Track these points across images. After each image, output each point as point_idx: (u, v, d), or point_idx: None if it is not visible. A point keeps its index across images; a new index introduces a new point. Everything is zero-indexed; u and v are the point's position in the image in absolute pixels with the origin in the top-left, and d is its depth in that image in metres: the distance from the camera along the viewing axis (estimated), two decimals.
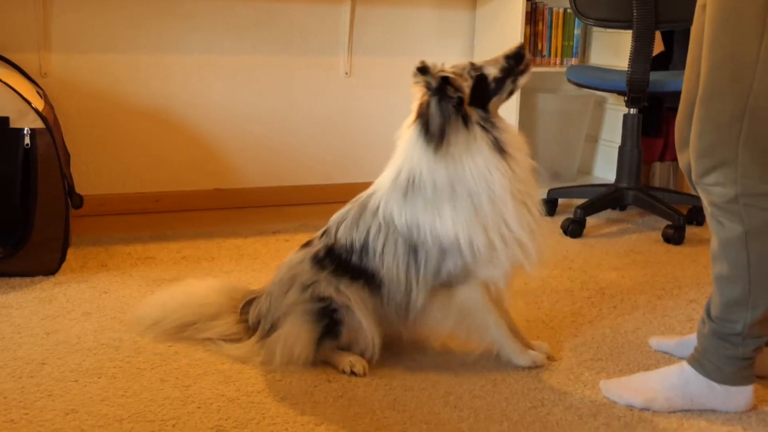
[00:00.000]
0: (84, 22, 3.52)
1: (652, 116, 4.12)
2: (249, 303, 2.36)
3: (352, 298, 2.18)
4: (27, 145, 2.77)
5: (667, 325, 2.59)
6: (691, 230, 3.60)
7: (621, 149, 3.70)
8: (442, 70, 2.15)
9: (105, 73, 3.58)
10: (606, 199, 3.68)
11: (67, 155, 3.09)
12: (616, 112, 4.23)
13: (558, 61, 4.20)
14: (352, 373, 2.17)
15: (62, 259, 2.88)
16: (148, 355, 2.26)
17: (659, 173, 4.26)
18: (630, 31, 3.47)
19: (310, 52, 3.91)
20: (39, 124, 2.78)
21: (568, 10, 4.15)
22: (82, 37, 3.53)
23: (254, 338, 2.27)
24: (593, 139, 4.41)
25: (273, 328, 2.24)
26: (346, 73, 3.99)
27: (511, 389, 2.14)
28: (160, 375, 2.15)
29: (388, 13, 4.01)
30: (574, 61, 4.22)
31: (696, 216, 3.74)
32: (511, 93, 2.20)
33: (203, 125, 3.78)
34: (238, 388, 2.09)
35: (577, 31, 4.21)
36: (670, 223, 3.50)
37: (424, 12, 4.09)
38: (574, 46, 4.22)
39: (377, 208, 2.20)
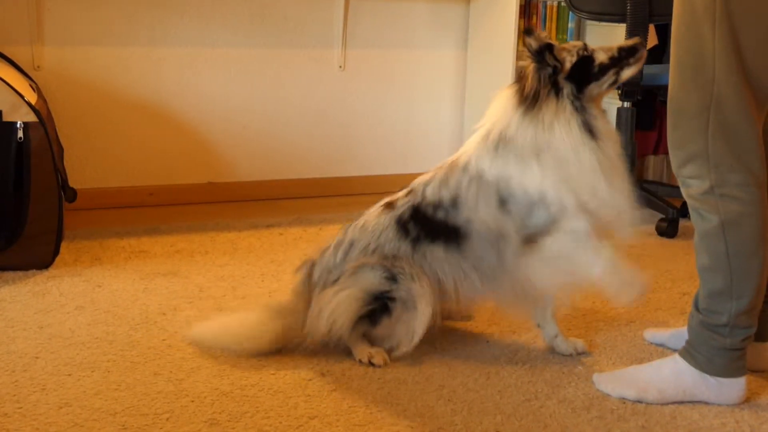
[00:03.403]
0: (77, 15, 3.51)
1: (646, 110, 4.13)
2: (311, 269, 2.33)
3: (419, 279, 2.18)
4: (20, 138, 2.76)
5: (660, 318, 2.60)
6: (684, 224, 3.60)
7: None
8: (551, 40, 2.19)
9: (98, 66, 3.57)
10: None
11: (61, 149, 3.08)
12: (609, 105, 4.22)
13: None
14: (370, 363, 2.19)
15: (56, 252, 2.87)
16: (141, 349, 2.26)
17: (653, 166, 4.26)
18: (623, 25, 3.47)
19: (304, 45, 3.91)
20: (32, 117, 2.78)
21: (562, 4, 4.15)
22: (75, 30, 3.52)
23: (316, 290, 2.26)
24: None
25: (336, 281, 2.25)
26: (340, 67, 3.99)
27: (504, 382, 2.14)
28: (154, 369, 2.15)
29: (383, 6, 4.01)
30: None
31: (689, 210, 3.74)
32: (613, 83, 2.22)
33: (197, 118, 3.77)
34: (232, 382, 2.09)
35: (570, 25, 4.22)
36: (663, 216, 3.51)
37: (419, 5, 4.08)
38: (568, 39, 4.22)
39: (467, 164, 2.22)
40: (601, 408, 2.03)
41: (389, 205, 2.30)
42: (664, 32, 4.10)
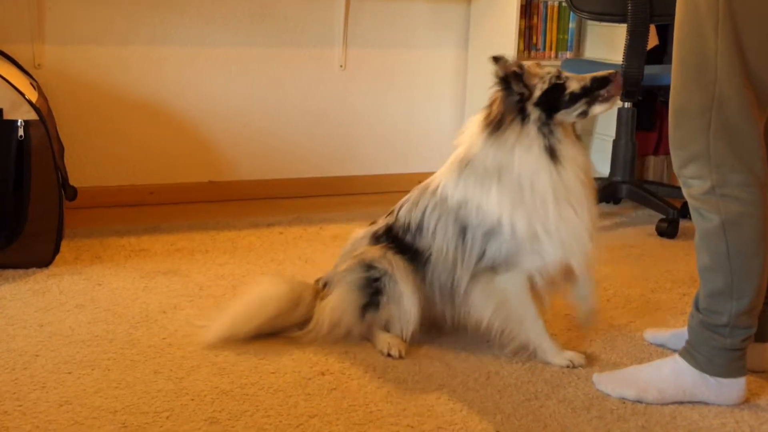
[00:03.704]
0: (78, 14, 3.51)
1: (647, 110, 4.13)
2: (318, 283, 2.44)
3: (394, 263, 2.26)
4: (21, 136, 2.76)
5: (660, 318, 2.60)
6: (684, 224, 3.60)
7: (615, 143, 3.71)
8: (521, 66, 2.20)
9: (99, 65, 3.57)
10: (600, 192, 3.64)
11: (61, 147, 3.08)
12: None
13: (553, 55, 4.20)
14: (389, 355, 2.23)
15: (56, 251, 2.87)
16: (141, 347, 2.26)
17: (653, 167, 4.26)
18: (624, 25, 3.47)
19: (305, 45, 3.90)
20: (33, 115, 2.78)
21: (563, 4, 4.14)
22: (76, 29, 3.52)
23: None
24: (588, 133, 4.41)
25: (326, 286, 2.36)
26: (341, 66, 3.98)
27: (504, 382, 2.14)
28: (154, 367, 2.15)
29: (383, 6, 4.01)
30: (569, 54, 4.22)
31: (690, 210, 3.74)
32: (584, 114, 2.21)
33: (197, 117, 3.77)
34: (232, 380, 2.09)
35: (571, 25, 4.21)
36: (663, 216, 3.51)
37: (419, 5, 4.08)
38: (569, 39, 4.22)
39: (436, 188, 2.29)
40: (601, 408, 2.03)
41: (372, 224, 2.43)
42: (664, 32, 4.10)
